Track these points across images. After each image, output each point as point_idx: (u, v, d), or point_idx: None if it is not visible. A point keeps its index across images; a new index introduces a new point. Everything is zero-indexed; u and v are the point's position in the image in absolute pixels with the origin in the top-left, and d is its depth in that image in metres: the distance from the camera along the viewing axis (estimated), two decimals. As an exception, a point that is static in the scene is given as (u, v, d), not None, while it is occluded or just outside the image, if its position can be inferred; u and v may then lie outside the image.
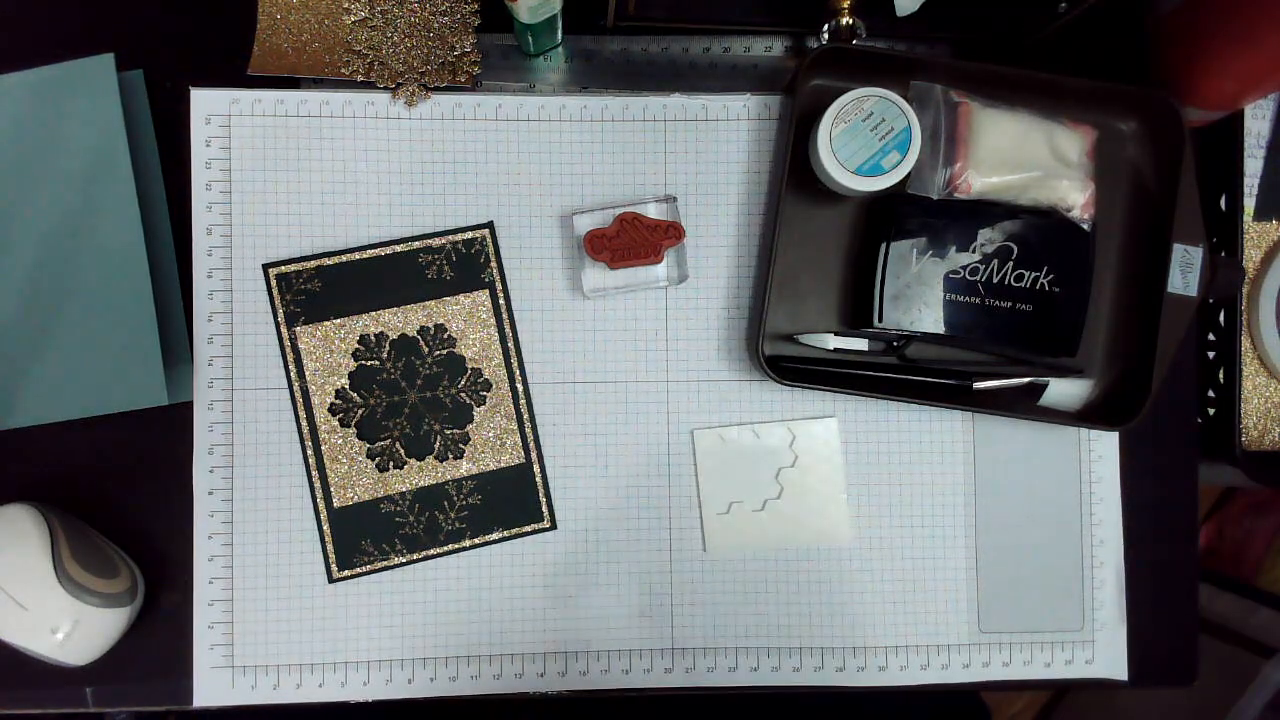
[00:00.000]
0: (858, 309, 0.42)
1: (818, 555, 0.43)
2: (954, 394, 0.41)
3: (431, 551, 0.42)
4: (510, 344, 0.43)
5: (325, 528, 0.42)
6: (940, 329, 0.40)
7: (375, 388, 0.42)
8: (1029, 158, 0.41)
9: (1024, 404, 0.42)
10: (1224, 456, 0.47)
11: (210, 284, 0.42)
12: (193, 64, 0.43)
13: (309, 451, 0.42)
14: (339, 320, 0.42)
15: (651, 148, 0.44)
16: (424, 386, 0.42)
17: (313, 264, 0.42)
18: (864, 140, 0.39)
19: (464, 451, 0.43)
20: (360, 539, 0.42)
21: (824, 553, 0.43)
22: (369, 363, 0.42)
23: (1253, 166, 0.49)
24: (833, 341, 0.42)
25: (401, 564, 0.42)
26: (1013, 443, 0.44)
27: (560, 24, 0.43)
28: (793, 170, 0.41)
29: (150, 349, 0.40)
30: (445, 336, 0.43)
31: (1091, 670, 0.43)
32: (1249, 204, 0.49)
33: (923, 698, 0.44)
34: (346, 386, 0.42)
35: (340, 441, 0.42)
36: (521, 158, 0.43)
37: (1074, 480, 0.44)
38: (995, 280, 0.41)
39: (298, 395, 0.42)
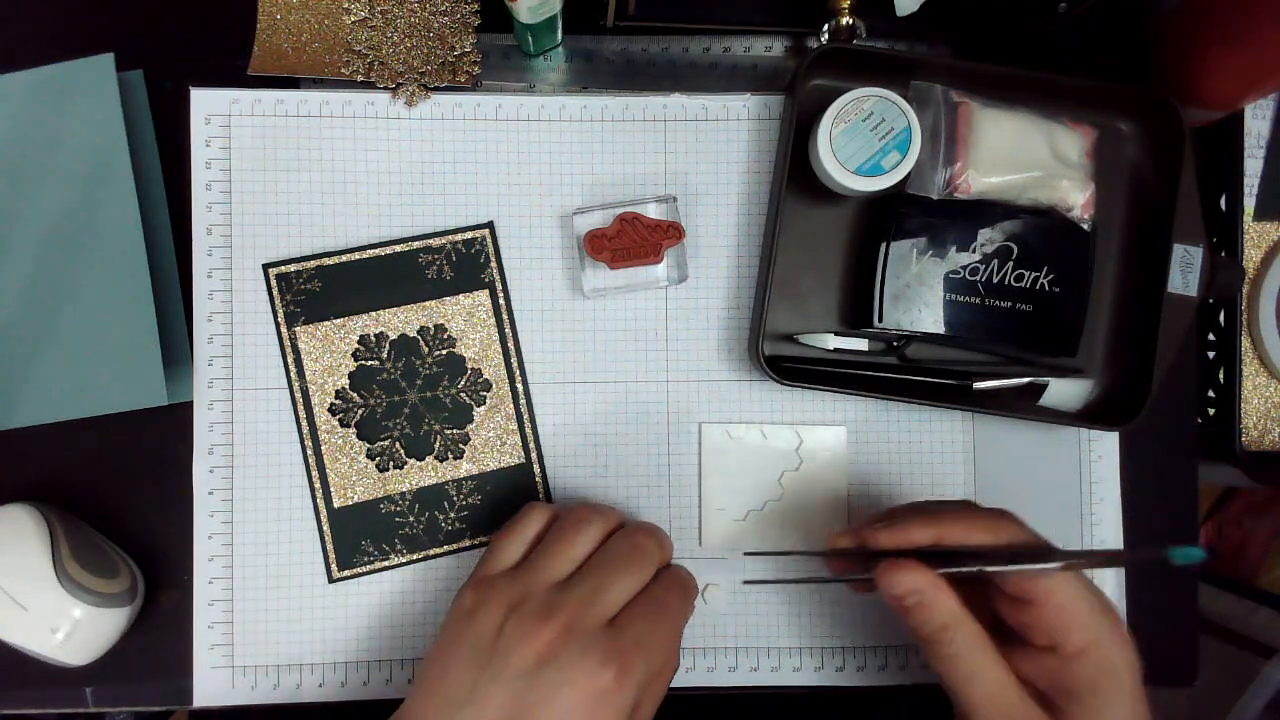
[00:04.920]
0: (858, 309, 0.42)
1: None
2: (954, 394, 0.41)
3: (431, 551, 0.42)
4: (510, 344, 0.43)
5: (325, 528, 0.42)
6: (940, 329, 0.40)
7: (375, 388, 0.42)
8: (1029, 158, 0.41)
9: (1024, 404, 0.42)
10: (1224, 456, 0.47)
11: (210, 284, 0.42)
12: (193, 64, 0.43)
13: (309, 451, 0.42)
14: (339, 320, 0.42)
15: (651, 148, 0.44)
16: (424, 386, 0.42)
17: (313, 264, 0.42)
18: (864, 140, 0.39)
19: (464, 451, 0.43)
20: (360, 539, 0.42)
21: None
22: (369, 363, 0.42)
23: (1253, 166, 0.49)
24: (833, 341, 0.42)
25: (401, 564, 0.42)
26: (1013, 443, 0.44)
27: (560, 24, 0.43)
28: (793, 170, 0.41)
29: (150, 349, 0.40)
30: (445, 336, 0.43)
31: (1091, 670, 0.43)
32: (1249, 204, 0.49)
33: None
34: (346, 386, 0.42)
35: (340, 441, 0.42)
36: (521, 158, 0.43)
37: (1074, 480, 0.44)
38: (995, 280, 0.41)
39: (298, 395, 0.42)
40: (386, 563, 0.42)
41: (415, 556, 0.42)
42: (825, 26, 0.42)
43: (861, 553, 0.36)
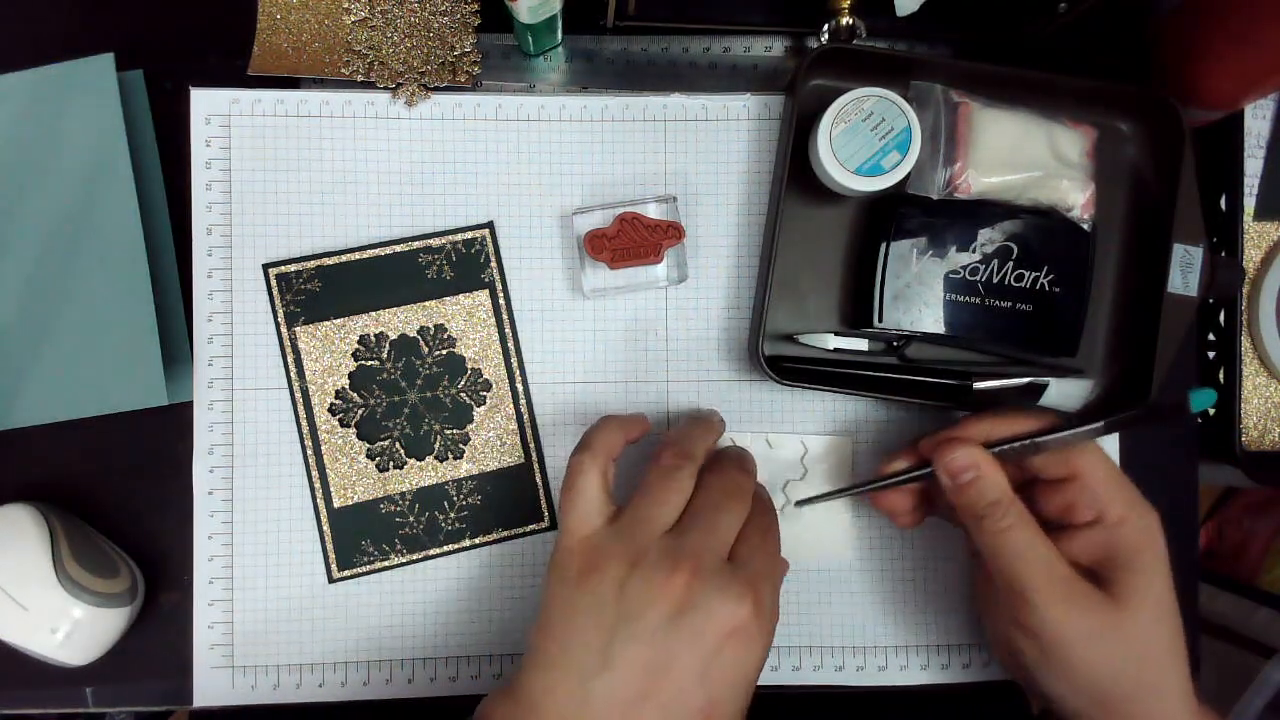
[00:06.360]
0: (858, 309, 0.42)
1: (817, 556, 0.43)
2: (954, 394, 0.41)
3: (431, 551, 0.42)
4: (510, 344, 0.43)
5: (325, 528, 0.42)
6: (940, 329, 0.40)
7: (375, 388, 0.42)
8: (1029, 158, 0.41)
9: (1024, 404, 0.42)
10: (1224, 456, 0.47)
11: (210, 284, 0.42)
12: (193, 64, 0.43)
13: (309, 451, 0.42)
14: (339, 320, 0.42)
15: (651, 148, 0.44)
16: (424, 386, 0.42)
17: (313, 264, 0.42)
18: (864, 140, 0.39)
19: (464, 451, 0.43)
20: (360, 539, 0.42)
21: (823, 553, 0.43)
22: (369, 363, 0.42)
23: (1253, 166, 0.49)
24: (833, 341, 0.42)
25: (401, 564, 0.42)
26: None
27: (560, 24, 0.43)
28: (793, 170, 0.41)
29: (150, 349, 0.40)
30: (445, 336, 0.43)
31: (1091, 670, 0.43)
32: (1249, 204, 0.49)
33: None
34: (346, 386, 0.42)
35: (340, 441, 0.42)
36: (521, 158, 0.43)
37: (1074, 480, 0.44)
38: (995, 280, 0.41)
39: (298, 395, 0.42)
40: (386, 563, 0.42)
41: (415, 556, 0.42)
42: (825, 26, 0.42)
43: (912, 478, 0.38)
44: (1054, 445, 0.36)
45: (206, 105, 0.42)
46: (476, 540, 0.43)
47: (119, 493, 0.42)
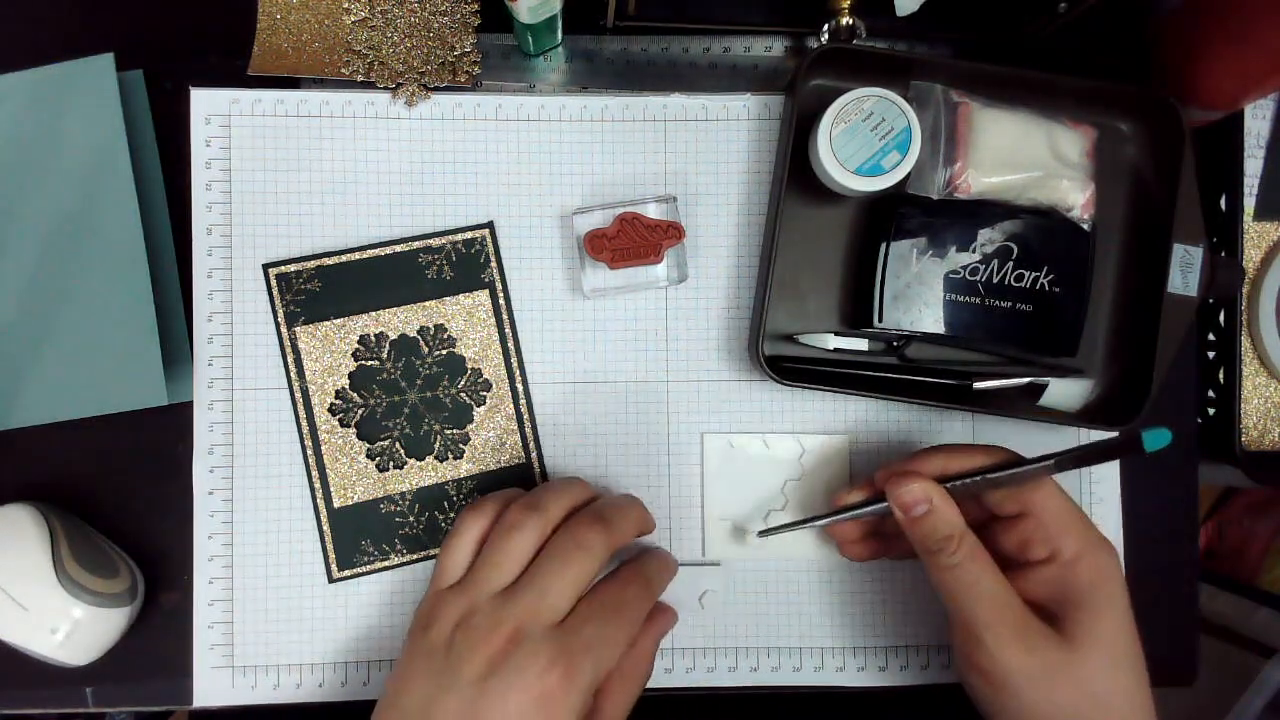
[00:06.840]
0: (858, 309, 0.42)
1: (818, 556, 0.43)
2: (954, 394, 0.41)
3: (431, 551, 0.42)
4: (510, 344, 0.43)
5: (325, 528, 0.42)
6: (940, 329, 0.40)
7: (375, 388, 0.42)
8: (1029, 158, 0.41)
9: (1024, 404, 0.42)
10: (1224, 456, 0.47)
11: (210, 284, 0.42)
12: (193, 64, 0.43)
13: (309, 451, 0.42)
14: (339, 320, 0.42)
15: (651, 148, 0.44)
16: (424, 386, 0.43)
17: (313, 264, 0.42)
18: (864, 140, 0.39)
19: (464, 451, 0.43)
20: (360, 539, 0.42)
21: (824, 553, 0.43)
22: (369, 363, 0.42)
23: (1253, 166, 0.49)
24: (833, 341, 0.42)
25: (401, 564, 0.42)
26: (1012, 443, 0.44)
27: (560, 24, 0.43)
28: (793, 170, 0.41)
29: (150, 349, 0.40)
30: (445, 336, 0.43)
31: (1091, 670, 0.43)
32: (1249, 204, 0.49)
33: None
34: (346, 386, 0.42)
35: (340, 441, 0.42)
36: (521, 158, 0.43)
37: (1074, 480, 0.44)
38: (995, 280, 0.41)
39: (298, 395, 0.42)
40: (386, 563, 0.42)
41: (415, 556, 0.42)
42: (825, 26, 0.42)
43: (867, 511, 0.38)
44: (1008, 482, 0.35)
45: (206, 105, 0.42)
46: (476, 540, 0.43)
47: (119, 493, 0.42)
